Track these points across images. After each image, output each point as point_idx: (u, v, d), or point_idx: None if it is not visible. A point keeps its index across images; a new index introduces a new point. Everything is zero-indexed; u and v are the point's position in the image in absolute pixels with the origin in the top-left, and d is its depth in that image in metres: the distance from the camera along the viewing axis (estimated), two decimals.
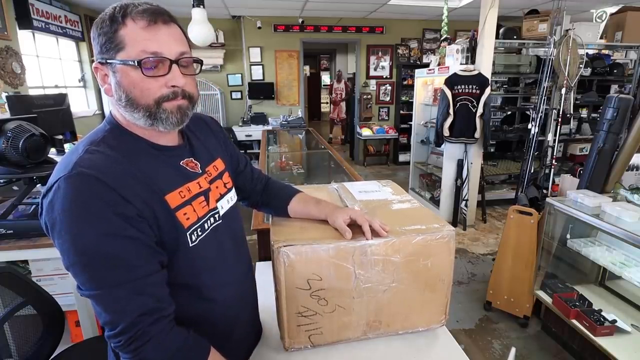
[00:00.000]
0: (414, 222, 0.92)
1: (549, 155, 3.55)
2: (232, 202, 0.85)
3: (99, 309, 0.61)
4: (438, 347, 0.94)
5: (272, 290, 0.89)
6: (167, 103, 0.66)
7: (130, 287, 0.61)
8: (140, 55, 0.62)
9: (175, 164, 0.73)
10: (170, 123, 0.67)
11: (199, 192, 0.74)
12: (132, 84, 0.64)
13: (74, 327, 1.72)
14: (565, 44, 3.25)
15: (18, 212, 1.58)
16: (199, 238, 0.72)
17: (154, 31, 0.63)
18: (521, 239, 2.21)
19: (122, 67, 0.63)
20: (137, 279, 0.61)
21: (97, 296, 0.61)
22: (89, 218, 0.58)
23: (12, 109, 2.27)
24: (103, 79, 0.66)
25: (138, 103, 0.65)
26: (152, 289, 0.63)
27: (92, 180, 0.59)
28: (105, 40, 0.63)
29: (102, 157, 0.63)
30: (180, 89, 0.67)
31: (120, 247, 0.60)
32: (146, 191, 0.64)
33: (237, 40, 5.90)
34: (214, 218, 0.77)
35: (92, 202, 0.59)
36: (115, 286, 0.60)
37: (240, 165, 0.97)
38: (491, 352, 2.06)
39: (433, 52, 6.24)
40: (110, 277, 0.60)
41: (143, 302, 0.62)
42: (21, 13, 3.56)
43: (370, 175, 5.92)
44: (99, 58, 0.65)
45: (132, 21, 0.62)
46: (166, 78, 0.65)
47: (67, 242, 0.59)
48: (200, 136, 0.84)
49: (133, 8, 0.63)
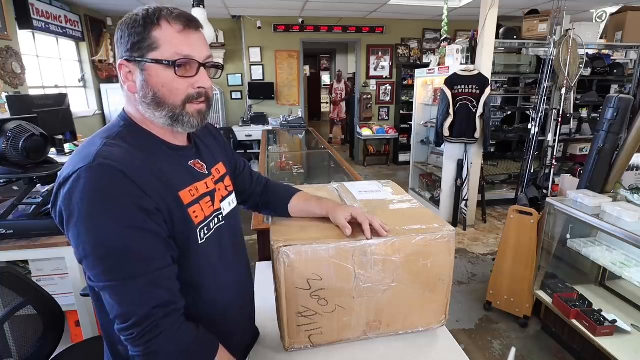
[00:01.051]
0: (414, 222, 0.92)
1: (549, 155, 3.55)
2: (233, 204, 0.87)
3: (112, 301, 0.61)
4: (438, 347, 0.94)
5: (272, 290, 0.89)
6: (191, 105, 0.69)
7: (147, 279, 0.61)
8: (174, 56, 0.65)
9: (185, 163, 0.75)
10: (191, 126, 0.71)
11: (206, 192, 0.76)
12: (161, 83, 0.66)
13: (74, 327, 1.72)
14: (565, 44, 3.25)
15: (18, 212, 1.58)
16: (206, 236, 0.74)
17: (188, 35, 0.67)
18: (521, 239, 2.21)
19: (152, 66, 0.65)
20: (153, 272, 0.62)
21: (112, 288, 0.60)
22: (109, 209, 0.59)
23: (12, 109, 2.27)
24: (126, 76, 0.68)
25: (165, 102, 0.68)
26: (166, 282, 0.64)
27: (114, 172, 0.60)
28: (138, 39, 0.65)
29: (122, 151, 0.64)
30: (204, 90, 0.70)
31: (138, 239, 0.60)
32: (162, 186, 0.66)
33: (237, 40, 5.90)
34: (218, 218, 0.78)
35: (114, 193, 0.59)
36: (131, 278, 0.60)
37: (239, 168, 0.99)
38: (491, 352, 2.06)
39: (433, 52, 6.24)
40: (127, 268, 0.60)
41: (158, 294, 0.62)
42: (21, 13, 3.57)
43: (370, 175, 5.92)
44: (126, 56, 0.67)
45: (167, 24, 0.66)
46: (194, 79, 0.68)
47: (84, 233, 0.59)
48: (205, 140, 0.86)
49: (168, 12, 0.66)
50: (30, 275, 1.64)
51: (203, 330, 0.69)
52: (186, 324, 0.66)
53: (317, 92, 11.88)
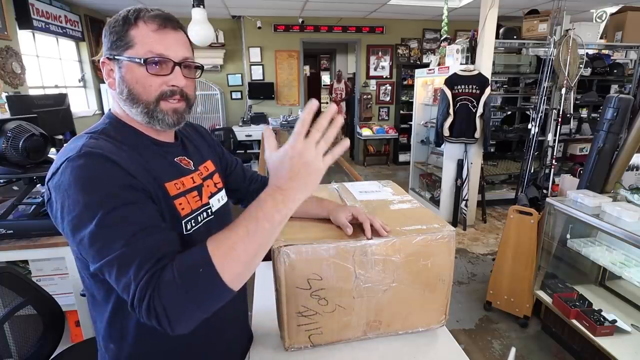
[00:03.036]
0: (414, 222, 0.92)
1: (549, 155, 3.55)
2: (222, 201, 0.86)
3: (120, 272, 0.57)
4: (438, 347, 0.94)
5: (272, 290, 0.88)
6: (164, 102, 0.70)
7: (145, 234, 0.59)
8: (147, 54, 0.67)
9: (170, 159, 0.76)
10: (166, 123, 0.72)
11: (192, 186, 0.76)
12: (135, 80, 0.68)
13: (74, 327, 1.72)
14: (565, 44, 3.25)
15: (18, 212, 1.58)
16: (193, 228, 0.73)
17: (163, 35, 0.69)
18: (521, 239, 2.21)
19: (128, 64, 0.67)
20: (151, 227, 0.60)
21: (117, 258, 0.57)
22: (98, 187, 0.59)
23: (12, 109, 2.27)
24: (108, 74, 0.70)
25: (139, 98, 0.69)
26: (164, 233, 0.61)
27: (101, 157, 0.60)
28: (116, 38, 0.68)
29: (107, 143, 0.65)
30: (179, 89, 0.71)
31: (131, 210, 0.60)
32: (148, 176, 0.66)
33: (237, 40, 5.90)
34: (207, 213, 0.78)
35: (101, 174, 0.60)
36: (132, 242, 0.57)
37: (231, 166, 0.99)
38: (491, 352, 2.06)
39: (433, 52, 6.24)
40: (126, 234, 0.58)
41: (155, 240, 0.59)
42: (21, 13, 3.57)
43: (370, 175, 5.92)
44: (107, 54, 0.69)
45: (143, 23, 0.68)
46: (168, 77, 0.69)
47: (77, 215, 0.58)
48: (192, 139, 0.87)
49: (146, 12, 0.68)
50: (30, 275, 1.64)
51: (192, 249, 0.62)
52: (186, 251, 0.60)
53: (317, 92, 11.86)
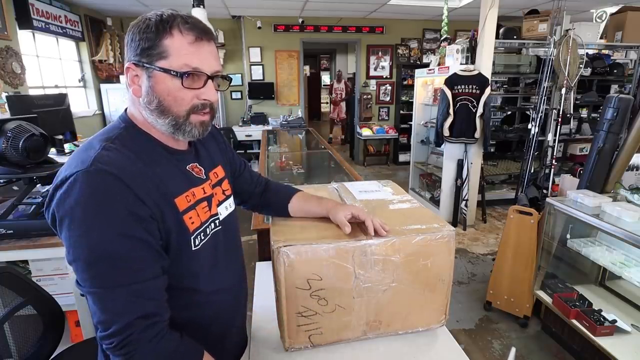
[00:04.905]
0: (414, 222, 0.92)
1: (549, 155, 3.55)
2: (230, 209, 0.86)
3: (95, 307, 0.60)
4: (438, 347, 0.94)
5: (272, 290, 0.88)
6: (195, 116, 0.69)
7: (132, 289, 0.60)
8: (183, 67, 0.65)
9: (183, 168, 0.75)
10: (192, 135, 0.71)
11: (203, 197, 0.76)
12: (166, 92, 0.66)
13: (74, 327, 1.72)
14: (565, 44, 3.25)
15: (18, 212, 1.58)
16: (202, 243, 0.73)
17: (198, 47, 0.67)
18: (521, 239, 2.21)
19: (160, 74, 0.65)
20: (141, 282, 0.61)
21: (97, 294, 0.60)
22: (103, 215, 0.58)
23: (12, 109, 2.27)
24: (133, 80, 0.68)
25: (169, 110, 0.67)
26: (153, 293, 0.63)
27: (110, 178, 0.59)
28: (149, 45, 0.64)
29: (120, 156, 0.64)
30: (209, 102, 0.70)
31: (129, 248, 0.60)
32: (158, 193, 0.65)
33: (237, 40, 5.90)
34: (215, 224, 0.78)
35: (108, 199, 0.59)
36: (117, 287, 0.60)
37: (239, 169, 0.99)
38: (491, 352, 2.06)
39: (433, 52, 6.24)
40: (113, 277, 0.60)
41: (142, 305, 0.61)
42: (21, 13, 3.57)
43: (370, 175, 5.92)
44: (134, 60, 0.66)
45: (179, 33, 0.65)
46: (200, 91, 0.68)
47: (75, 237, 0.58)
48: (204, 143, 0.86)
49: (182, 21, 0.65)
50: (30, 275, 1.64)
51: (187, 339, 0.68)
52: (169, 335, 0.64)
53: (317, 92, 11.88)
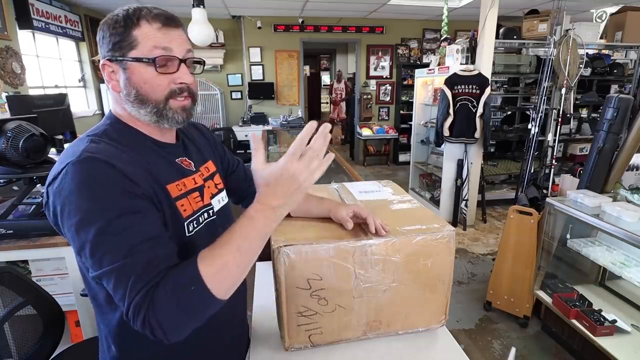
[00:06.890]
0: (414, 222, 0.92)
1: (549, 155, 3.55)
2: (223, 202, 0.86)
3: (117, 285, 0.57)
4: (438, 347, 0.94)
5: (272, 290, 0.88)
6: (174, 101, 0.70)
7: (143, 247, 0.58)
8: (153, 50, 0.66)
9: (172, 160, 0.75)
10: (175, 121, 0.71)
11: (194, 187, 0.76)
12: (143, 80, 0.67)
13: (74, 327, 1.72)
14: (565, 44, 3.25)
15: (18, 212, 1.58)
16: (195, 230, 0.73)
17: (166, 32, 0.68)
18: (521, 239, 2.21)
19: (134, 64, 0.66)
20: (152, 238, 0.59)
21: (114, 270, 0.56)
22: (100, 194, 0.58)
23: (12, 109, 2.27)
24: (110, 76, 0.69)
25: (148, 99, 0.68)
26: (162, 247, 0.60)
27: (102, 163, 0.59)
28: (119, 39, 0.66)
29: (109, 146, 0.65)
30: (186, 86, 0.71)
31: (131, 220, 0.59)
32: (151, 178, 0.66)
33: (237, 40, 5.90)
34: (208, 213, 0.78)
35: (102, 181, 0.59)
36: (130, 255, 0.57)
37: (232, 166, 0.98)
38: (491, 352, 2.06)
39: (433, 52, 6.24)
40: (124, 247, 0.57)
41: (153, 255, 0.58)
42: (21, 13, 3.57)
43: (370, 175, 5.92)
44: (108, 55, 0.67)
45: (146, 22, 0.67)
46: (175, 75, 0.69)
47: (78, 221, 0.57)
48: (193, 139, 0.86)
49: (147, 11, 0.67)
50: (30, 275, 1.64)
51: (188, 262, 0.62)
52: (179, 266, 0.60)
53: (317, 92, 11.87)
